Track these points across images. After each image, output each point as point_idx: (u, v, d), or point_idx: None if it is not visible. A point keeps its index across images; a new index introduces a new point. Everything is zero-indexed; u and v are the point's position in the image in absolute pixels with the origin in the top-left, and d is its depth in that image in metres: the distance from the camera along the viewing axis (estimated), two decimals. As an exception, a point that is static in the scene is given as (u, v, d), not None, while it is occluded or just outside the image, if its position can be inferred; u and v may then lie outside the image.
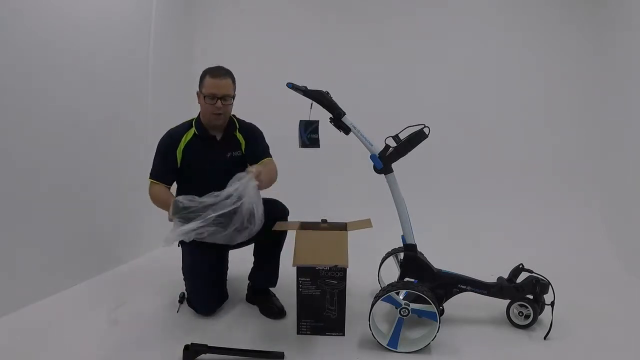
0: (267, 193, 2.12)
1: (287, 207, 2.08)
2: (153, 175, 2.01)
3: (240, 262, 2.21)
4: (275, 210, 2.01)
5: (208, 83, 1.94)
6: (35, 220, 2.10)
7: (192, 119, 2.06)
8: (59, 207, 2.23)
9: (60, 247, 2.24)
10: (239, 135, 2.07)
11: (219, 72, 1.95)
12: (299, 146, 1.88)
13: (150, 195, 1.98)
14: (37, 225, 2.11)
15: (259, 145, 2.11)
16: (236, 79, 1.99)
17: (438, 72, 3.34)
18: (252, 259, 2.14)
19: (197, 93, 2.01)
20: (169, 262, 2.50)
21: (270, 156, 2.11)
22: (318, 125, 1.86)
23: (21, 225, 2.03)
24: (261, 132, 2.15)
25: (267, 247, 2.07)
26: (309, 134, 1.86)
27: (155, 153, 2.02)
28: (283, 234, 2.02)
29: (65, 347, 1.72)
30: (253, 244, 2.12)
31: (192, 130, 2.01)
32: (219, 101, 1.93)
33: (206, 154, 2.00)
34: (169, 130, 2.05)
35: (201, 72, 2.00)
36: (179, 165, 2.00)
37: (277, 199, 2.07)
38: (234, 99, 2.00)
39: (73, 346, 1.72)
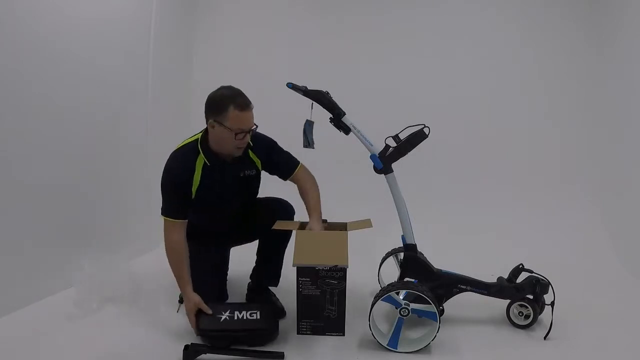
0: (269, 192, 2.13)
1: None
2: (169, 213, 1.82)
3: (240, 262, 2.20)
4: (280, 209, 2.01)
5: (236, 117, 1.71)
6: (34, 220, 2.10)
7: (196, 141, 1.85)
8: (58, 208, 2.23)
9: (59, 247, 2.24)
10: (252, 155, 1.94)
11: (245, 103, 1.73)
12: (304, 146, 1.88)
13: (166, 242, 1.82)
14: (36, 225, 2.11)
15: (282, 156, 2.00)
16: (236, 79, 1.96)
17: (438, 72, 3.33)
18: (252, 259, 2.14)
19: (210, 123, 1.76)
20: (169, 262, 2.51)
21: (299, 162, 2.02)
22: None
23: (20, 225, 2.03)
24: (275, 142, 2.02)
25: (271, 246, 2.06)
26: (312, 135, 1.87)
27: (165, 188, 1.83)
28: (288, 233, 2.01)
29: (64, 347, 1.72)
30: (257, 242, 2.12)
31: (202, 160, 1.83)
32: (247, 135, 1.78)
33: (219, 180, 1.87)
34: (175, 159, 1.84)
35: (214, 98, 1.76)
36: (193, 197, 1.85)
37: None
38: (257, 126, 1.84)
39: (73, 346, 1.72)
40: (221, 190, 1.90)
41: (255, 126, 1.82)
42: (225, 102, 1.73)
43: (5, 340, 1.73)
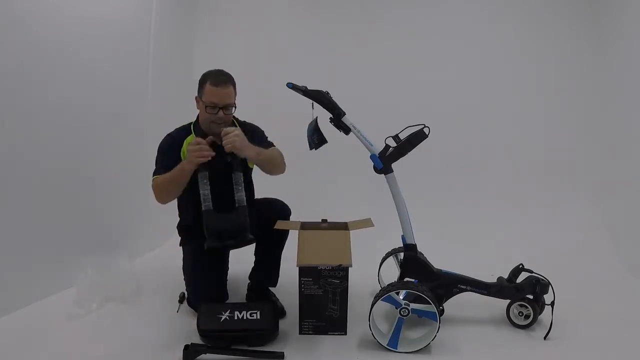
0: (268, 193, 2.14)
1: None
2: (159, 171, 1.91)
3: (240, 262, 2.20)
4: (276, 210, 2.01)
5: (209, 91, 1.84)
6: (34, 220, 2.10)
7: (190, 123, 1.99)
8: (57, 208, 2.23)
9: (59, 248, 2.23)
10: None
11: (220, 80, 1.86)
12: (310, 148, 1.87)
13: (154, 188, 1.88)
14: (36, 225, 2.11)
15: (262, 140, 2.03)
16: (236, 79, 1.97)
17: (438, 72, 3.33)
18: (252, 258, 2.14)
19: (195, 98, 1.94)
20: (169, 262, 2.51)
21: (274, 146, 2.05)
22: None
23: (21, 225, 2.03)
24: (262, 131, 2.10)
25: (269, 246, 2.07)
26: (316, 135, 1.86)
27: (158, 154, 1.96)
28: (285, 233, 2.01)
29: (65, 347, 1.72)
30: (254, 243, 2.11)
31: (192, 137, 1.92)
32: (220, 111, 1.86)
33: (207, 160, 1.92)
34: (168, 134, 1.99)
35: (201, 76, 1.91)
36: None
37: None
38: (235, 107, 1.92)
39: (73, 346, 1.73)
40: (211, 173, 1.87)
41: (233, 106, 1.89)
42: (204, 79, 1.88)
43: (5, 340, 1.73)
